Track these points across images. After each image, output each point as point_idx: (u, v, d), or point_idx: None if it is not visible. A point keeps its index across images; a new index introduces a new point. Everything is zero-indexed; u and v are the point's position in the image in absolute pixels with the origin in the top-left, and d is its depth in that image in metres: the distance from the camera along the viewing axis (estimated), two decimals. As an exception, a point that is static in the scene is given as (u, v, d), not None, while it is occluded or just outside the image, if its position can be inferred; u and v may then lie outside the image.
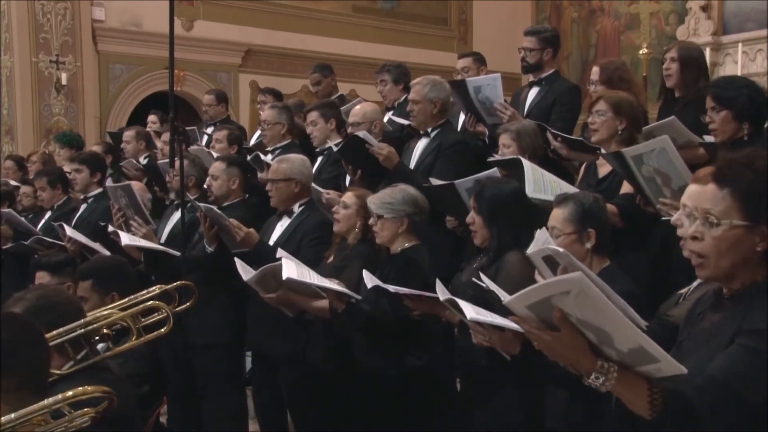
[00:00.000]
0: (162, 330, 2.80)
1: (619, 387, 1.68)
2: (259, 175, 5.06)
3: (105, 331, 2.61)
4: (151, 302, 2.83)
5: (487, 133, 4.80)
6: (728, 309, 1.81)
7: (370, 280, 3.35)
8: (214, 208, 4.46)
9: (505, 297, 1.98)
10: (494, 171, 3.89)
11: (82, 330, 2.51)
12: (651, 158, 3.28)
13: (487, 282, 2.69)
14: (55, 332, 2.45)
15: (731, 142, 3.41)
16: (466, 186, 3.93)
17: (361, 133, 4.45)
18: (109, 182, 5.74)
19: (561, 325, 1.67)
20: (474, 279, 2.88)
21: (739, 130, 3.42)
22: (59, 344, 2.46)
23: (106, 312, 2.70)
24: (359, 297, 3.57)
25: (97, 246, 5.05)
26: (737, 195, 1.75)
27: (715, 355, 1.72)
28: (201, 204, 4.47)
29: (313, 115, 5.22)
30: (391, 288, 3.28)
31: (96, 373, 2.50)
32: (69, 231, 5.16)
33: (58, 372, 2.43)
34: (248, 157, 5.26)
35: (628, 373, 1.68)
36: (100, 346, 2.64)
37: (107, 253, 4.97)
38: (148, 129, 7.26)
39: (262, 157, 5.00)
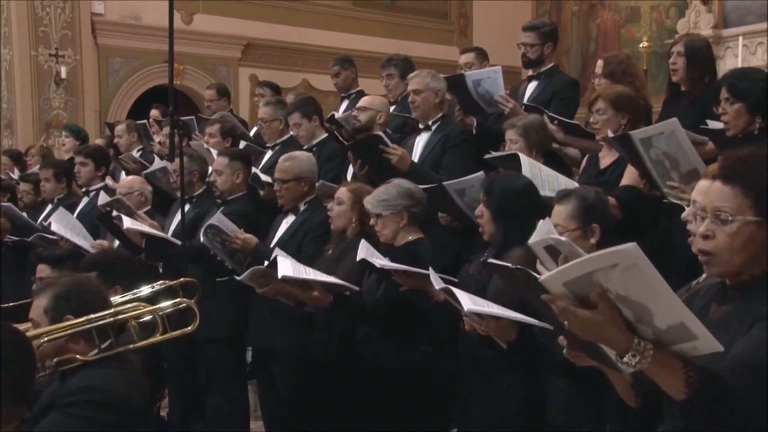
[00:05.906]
0: (188, 328, 2.87)
1: (654, 366, 1.64)
2: (262, 193, 4.98)
3: (132, 323, 2.69)
4: (179, 300, 2.91)
5: (476, 123, 4.79)
6: (738, 300, 1.82)
7: (365, 251, 3.32)
8: (215, 224, 4.36)
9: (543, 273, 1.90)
10: (480, 175, 3.86)
11: (111, 319, 2.59)
12: (660, 141, 3.24)
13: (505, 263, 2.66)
14: (84, 318, 2.53)
15: (742, 135, 3.32)
16: (456, 188, 3.91)
17: (380, 133, 4.40)
18: (103, 197, 5.57)
19: (600, 301, 1.62)
20: (491, 260, 2.84)
21: (751, 124, 3.31)
22: (87, 330, 2.52)
23: (133, 304, 2.77)
24: (356, 288, 3.55)
25: (82, 242, 5.04)
26: (750, 191, 1.77)
27: (733, 344, 1.72)
28: (203, 240, 4.39)
29: (295, 117, 5.16)
30: (378, 263, 3.26)
31: (120, 363, 2.55)
32: (55, 227, 5.15)
33: (83, 358, 2.49)
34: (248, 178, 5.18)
35: (663, 352, 1.65)
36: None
37: (91, 250, 4.95)
38: (151, 122, 7.21)
39: (262, 177, 4.93)
